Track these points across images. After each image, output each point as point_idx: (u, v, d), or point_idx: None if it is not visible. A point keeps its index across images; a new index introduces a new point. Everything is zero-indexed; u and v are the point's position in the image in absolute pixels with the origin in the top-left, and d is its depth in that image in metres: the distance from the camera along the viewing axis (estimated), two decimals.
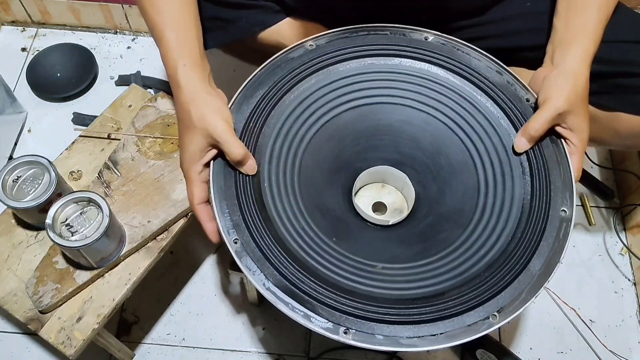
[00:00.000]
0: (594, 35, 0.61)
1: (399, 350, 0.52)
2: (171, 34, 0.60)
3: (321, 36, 0.68)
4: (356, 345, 0.51)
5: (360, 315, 0.53)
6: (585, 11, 0.62)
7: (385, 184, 0.70)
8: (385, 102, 0.66)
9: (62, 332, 0.68)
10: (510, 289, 0.54)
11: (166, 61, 0.60)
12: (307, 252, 0.57)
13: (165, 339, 0.90)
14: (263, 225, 0.57)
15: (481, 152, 0.63)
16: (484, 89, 0.65)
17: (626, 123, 0.68)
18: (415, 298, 0.55)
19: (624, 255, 1.00)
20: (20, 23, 1.23)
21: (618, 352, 0.90)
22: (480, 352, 0.85)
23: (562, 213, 0.58)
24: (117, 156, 0.78)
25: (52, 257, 0.70)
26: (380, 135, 0.67)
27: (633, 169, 1.01)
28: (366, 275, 0.56)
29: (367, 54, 0.67)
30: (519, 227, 0.58)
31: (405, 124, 0.66)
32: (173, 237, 0.74)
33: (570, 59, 0.60)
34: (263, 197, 0.58)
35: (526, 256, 0.56)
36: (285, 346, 0.89)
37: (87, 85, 1.13)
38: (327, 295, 0.53)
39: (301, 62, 0.66)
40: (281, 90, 0.64)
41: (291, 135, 0.63)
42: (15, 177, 0.70)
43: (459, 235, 0.59)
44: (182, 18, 0.61)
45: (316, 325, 0.52)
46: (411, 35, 0.68)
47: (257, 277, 0.54)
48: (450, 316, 0.53)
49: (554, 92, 0.59)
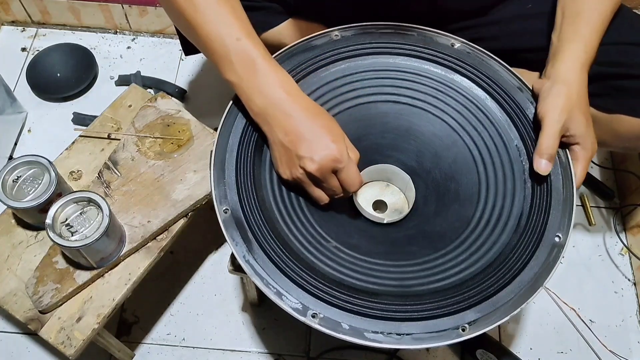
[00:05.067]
0: (586, 41, 0.61)
1: (361, 342, 0.51)
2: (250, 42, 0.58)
3: (348, 28, 0.68)
4: (320, 330, 0.52)
5: (331, 302, 0.53)
6: (577, 19, 0.62)
7: (390, 184, 0.70)
8: (411, 105, 0.66)
9: (62, 332, 0.68)
10: (487, 303, 0.54)
11: (253, 50, 0.58)
12: (295, 235, 0.58)
13: (165, 339, 0.90)
14: (257, 204, 0.58)
15: (490, 188, 0.62)
16: (506, 108, 0.64)
17: (626, 125, 0.68)
18: (391, 294, 0.55)
19: (624, 255, 1.00)
20: (20, 23, 1.23)
21: (618, 352, 0.90)
22: (480, 352, 0.85)
23: (556, 238, 0.57)
24: (117, 156, 0.78)
25: (52, 257, 0.70)
26: (410, 138, 0.67)
27: (633, 169, 1.01)
28: (349, 265, 0.57)
29: (391, 52, 0.67)
30: (510, 243, 0.58)
31: (435, 137, 0.66)
32: (173, 237, 0.74)
33: (562, 68, 0.60)
34: (262, 178, 0.60)
35: (511, 274, 0.55)
36: (285, 346, 0.89)
37: (87, 85, 1.13)
38: (304, 277, 0.54)
39: (324, 50, 0.66)
40: (304, 71, 0.65)
41: None
42: (15, 177, 0.70)
43: (448, 244, 0.59)
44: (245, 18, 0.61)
45: (286, 304, 0.53)
46: (438, 39, 0.68)
47: (239, 248, 0.55)
48: (421, 319, 0.53)
49: (550, 106, 0.59)
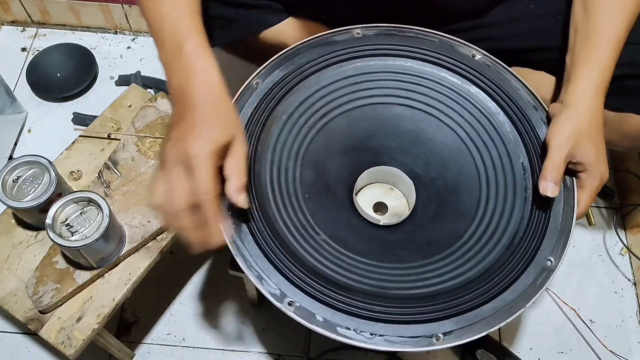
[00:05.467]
0: (599, 63, 0.60)
1: (332, 336, 0.51)
2: (185, 17, 0.54)
3: (371, 27, 0.68)
4: (294, 318, 0.52)
5: (309, 293, 0.53)
6: (590, 40, 0.61)
7: (394, 188, 0.69)
8: (424, 111, 0.66)
9: (62, 332, 0.68)
10: (465, 317, 0.53)
11: (180, 39, 0.53)
12: (285, 222, 0.58)
13: (165, 339, 0.90)
14: (252, 188, 0.58)
15: (489, 204, 0.62)
16: (517, 126, 0.64)
17: (634, 124, 0.68)
18: (370, 294, 0.55)
19: (624, 255, 1.00)
20: (20, 23, 1.23)
21: (618, 352, 0.90)
22: (480, 353, 0.85)
23: (547, 262, 0.56)
24: (117, 156, 0.78)
25: (52, 257, 0.70)
26: (419, 144, 0.66)
27: (633, 169, 1.01)
28: (333, 260, 0.57)
29: (410, 56, 0.67)
30: (499, 261, 0.57)
31: (445, 146, 0.65)
32: (173, 237, 0.74)
33: (574, 93, 0.60)
34: (262, 170, 0.60)
35: (496, 290, 0.55)
36: (285, 346, 0.89)
37: (87, 85, 1.13)
38: (286, 264, 0.54)
39: (345, 46, 0.66)
40: (323, 63, 0.65)
41: (315, 107, 0.64)
42: (15, 177, 0.70)
43: (437, 254, 0.59)
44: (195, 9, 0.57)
45: (265, 289, 0.53)
46: (459, 49, 0.68)
47: (228, 230, 0.55)
48: (396, 322, 0.52)
49: (557, 131, 0.58)
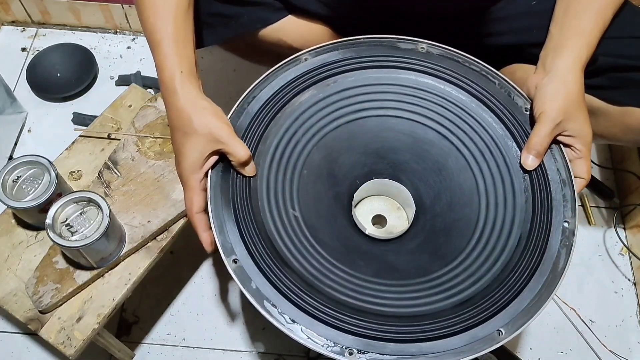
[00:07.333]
0: (587, 40, 0.61)
1: (257, 306, 0.51)
2: (169, 42, 0.59)
3: (437, 46, 0.66)
4: (233, 277, 0.52)
5: (254, 257, 0.54)
6: (580, 16, 0.62)
7: (402, 208, 0.69)
8: (458, 149, 0.64)
9: (62, 332, 0.68)
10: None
11: (162, 67, 0.59)
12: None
13: (165, 339, 0.90)
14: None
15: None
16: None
17: (637, 118, 0.68)
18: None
19: (624, 255, 1.00)
20: (20, 23, 1.23)
21: (618, 352, 0.90)
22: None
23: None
24: (117, 156, 0.78)
25: (52, 257, 0.70)
26: (438, 176, 0.65)
27: (633, 169, 1.01)
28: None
29: (444, 78, 0.65)
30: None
31: (459, 189, 0.63)
32: (173, 237, 0.74)
33: (562, 65, 0.61)
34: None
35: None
36: (285, 346, 0.89)
37: (87, 85, 1.13)
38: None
39: (404, 55, 0.65)
40: (374, 63, 0.64)
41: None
42: (15, 177, 0.70)
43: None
44: (182, 28, 0.60)
45: (219, 239, 0.54)
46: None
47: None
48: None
49: (548, 104, 0.59)
